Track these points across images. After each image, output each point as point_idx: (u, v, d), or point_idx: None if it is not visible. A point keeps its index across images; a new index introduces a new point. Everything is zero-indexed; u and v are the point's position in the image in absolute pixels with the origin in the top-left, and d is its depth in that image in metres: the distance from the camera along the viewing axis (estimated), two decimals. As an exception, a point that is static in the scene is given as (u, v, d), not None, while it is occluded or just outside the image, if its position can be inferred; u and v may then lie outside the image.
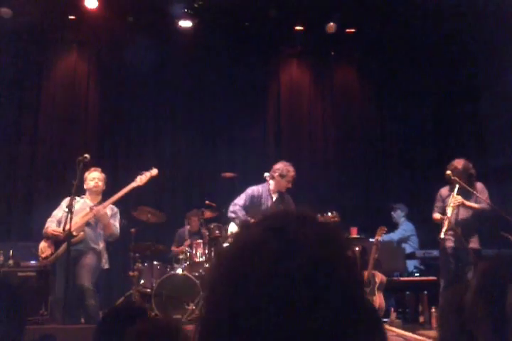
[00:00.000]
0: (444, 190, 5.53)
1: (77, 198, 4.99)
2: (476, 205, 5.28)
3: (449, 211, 5.18)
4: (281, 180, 5.49)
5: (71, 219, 4.66)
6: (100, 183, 5.13)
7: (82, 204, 5.04)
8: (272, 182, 5.63)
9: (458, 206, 5.24)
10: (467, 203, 5.25)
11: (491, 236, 6.20)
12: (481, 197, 5.26)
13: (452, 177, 5.30)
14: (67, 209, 4.83)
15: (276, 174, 5.53)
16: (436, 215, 5.46)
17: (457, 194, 5.24)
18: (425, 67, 8.27)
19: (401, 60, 8.36)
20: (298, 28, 8.08)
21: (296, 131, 8.46)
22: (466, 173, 5.27)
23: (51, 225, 5.01)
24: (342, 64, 8.68)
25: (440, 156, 5.76)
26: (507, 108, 7.45)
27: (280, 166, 5.56)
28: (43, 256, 4.93)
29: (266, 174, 5.69)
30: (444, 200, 5.44)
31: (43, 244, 4.98)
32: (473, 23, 7.39)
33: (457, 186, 5.25)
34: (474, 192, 5.31)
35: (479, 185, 5.39)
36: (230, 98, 8.28)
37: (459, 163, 5.33)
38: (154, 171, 5.07)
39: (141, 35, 7.81)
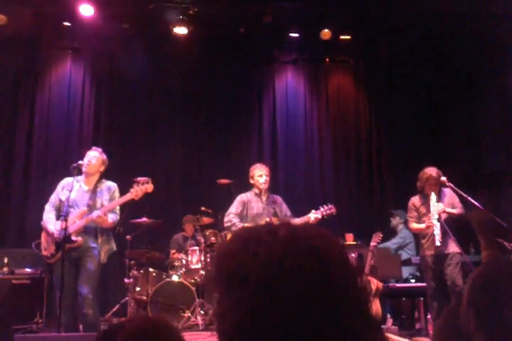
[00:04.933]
0: (416, 200, 5.61)
1: (73, 180, 4.89)
2: (455, 211, 5.38)
3: (435, 218, 5.26)
4: (253, 181, 5.67)
5: (66, 227, 4.64)
6: (93, 162, 4.97)
7: (78, 192, 4.94)
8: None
9: (440, 213, 5.33)
10: (448, 210, 5.34)
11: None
12: (454, 201, 5.42)
13: (447, 184, 5.39)
14: (63, 198, 4.82)
15: (250, 178, 5.73)
16: (415, 225, 5.57)
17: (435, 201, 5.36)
18: (420, 73, 8.31)
19: (396, 66, 8.41)
20: (293, 34, 8.11)
21: (292, 138, 8.47)
22: (439, 180, 5.40)
23: (48, 219, 4.94)
24: (337, 70, 8.72)
25: (435, 163, 5.78)
26: (502, 114, 7.50)
27: (250, 170, 5.76)
28: (46, 253, 4.88)
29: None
30: (418, 210, 5.52)
31: (44, 238, 4.93)
32: (470, 27, 7.44)
33: (433, 194, 5.36)
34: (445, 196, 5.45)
35: (449, 191, 5.50)
36: (226, 104, 8.29)
37: (432, 170, 5.43)
38: (150, 187, 4.96)
39: (137, 42, 7.83)
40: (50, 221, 4.92)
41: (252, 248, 0.83)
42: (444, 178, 5.42)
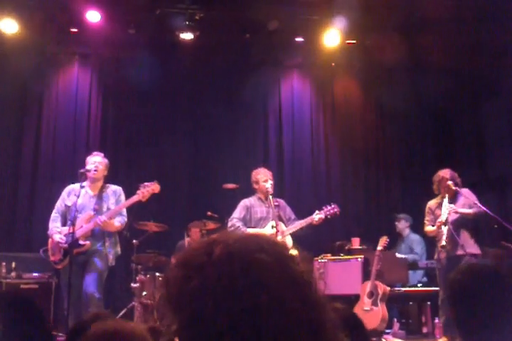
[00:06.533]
0: (431, 203, 5.62)
1: (77, 186, 4.96)
2: (469, 211, 5.36)
3: (444, 218, 5.24)
4: (258, 186, 5.70)
5: (74, 231, 4.68)
6: (101, 167, 5.06)
7: (84, 197, 4.99)
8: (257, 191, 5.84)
9: (450, 213, 5.32)
10: (460, 210, 5.32)
11: (492, 245, 6.21)
12: (471, 201, 5.39)
13: (454, 188, 5.38)
14: (70, 204, 4.86)
15: (253, 184, 5.77)
16: (429, 228, 5.55)
17: (449, 202, 5.37)
18: (425, 77, 8.30)
19: (401, 70, 8.40)
20: (298, 39, 8.14)
21: (298, 142, 8.49)
22: (453, 182, 5.43)
23: (54, 228, 4.98)
24: (342, 75, 8.73)
25: (441, 167, 5.79)
26: (507, 118, 7.48)
27: (252, 175, 5.78)
28: (53, 259, 4.92)
29: None
30: (433, 212, 5.53)
31: (51, 244, 4.97)
32: (475, 31, 7.44)
33: (447, 195, 5.35)
34: (466, 197, 5.42)
35: (466, 191, 5.49)
36: (232, 109, 8.31)
37: (445, 173, 5.49)
38: (156, 188, 5.00)
39: (143, 47, 7.87)
40: (56, 230, 4.96)
41: (186, 272, 0.83)
42: (450, 182, 5.42)
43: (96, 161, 5.09)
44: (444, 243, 5.18)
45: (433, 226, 5.52)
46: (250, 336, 0.78)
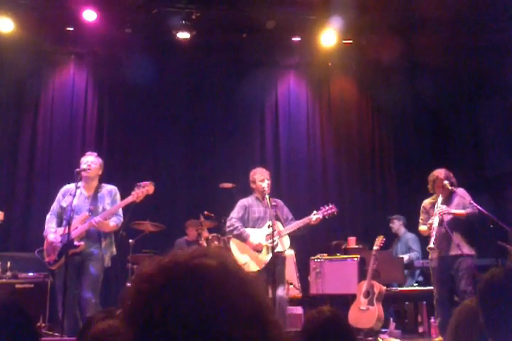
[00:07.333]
0: (427, 202, 5.61)
1: (72, 186, 4.95)
2: (462, 212, 5.34)
3: (436, 220, 5.23)
4: (255, 185, 5.66)
5: (69, 232, 4.67)
6: (93, 166, 5.03)
7: (79, 198, 4.97)
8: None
9: (442, 214, 5.30)
10: (453, 211, 5.32)
11: (488, 245, 6.23)
12: (466, 201, 5.35)
13: (450, 188, 5.36)
14: (65, 205, 4.85)
15: (250, 183, 5.73)
16: (422, 227, 5.54)
17: (441, 203, 5.34)
18: (422, 77, 8.32)
19: (397, 70, 8.41)
20: (295, 39, 8.14)
21: (294, 142, 8.49)
22: (449, 182, 5.39)
23: (49, 229, 4.97)
24: (339, 74, 8.73)
25: (437, 166, 5.78)
26: (504, 118, 7.49)
27: (250, 175, 5.74)
28: (48, 259, 4.91)
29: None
30: (428, 212, 5.52)
31: (46, 245, 4.96)
32: (472, 31, 7.46)
33: (441, 196, 5.34)
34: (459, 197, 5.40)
35: (461, 191, 5.46)
36: (228, 109, 8.31)
37: (440, 172, 5.45)
38: (151, 188, 4.98)
39: (139, 47, 7.86)
40: (51, 230, 4.95)
41: (137, 285, 0.88)
42: (446, 182, 5.40)
43: (89, 161, 5.07)
44: (431, 245, 5.18)
45: (425, 225, 5.52)
46: (201, 333, 0.82)
